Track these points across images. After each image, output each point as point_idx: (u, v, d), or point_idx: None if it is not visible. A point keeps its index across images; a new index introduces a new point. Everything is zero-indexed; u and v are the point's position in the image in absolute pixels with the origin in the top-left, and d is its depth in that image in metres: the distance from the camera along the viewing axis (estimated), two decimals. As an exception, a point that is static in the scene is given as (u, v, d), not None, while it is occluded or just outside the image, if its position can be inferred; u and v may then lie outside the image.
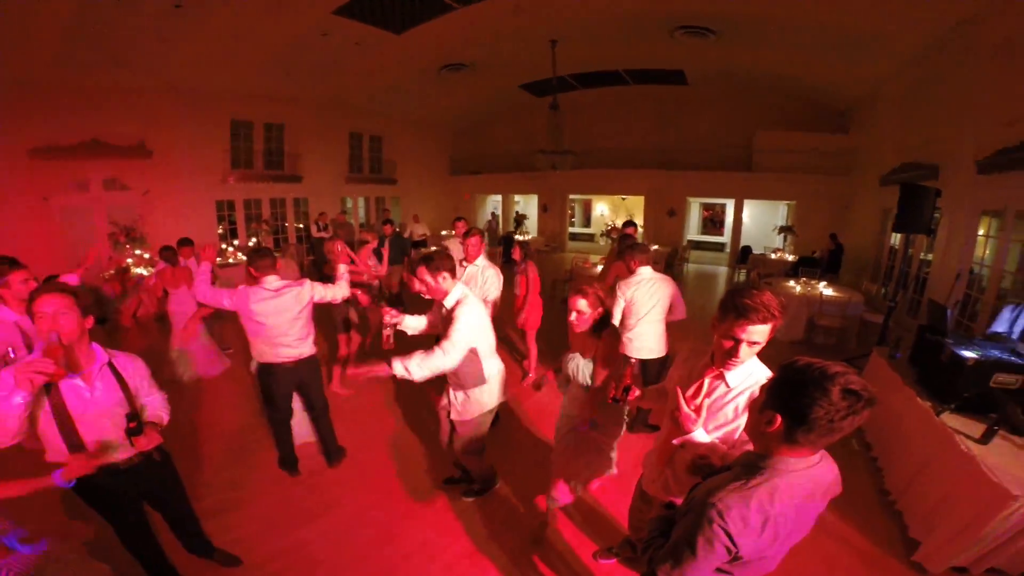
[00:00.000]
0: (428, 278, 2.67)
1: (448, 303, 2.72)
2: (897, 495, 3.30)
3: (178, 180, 10.88)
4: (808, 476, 1.22)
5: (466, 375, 2.76)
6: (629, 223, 6.77)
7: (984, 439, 2.76)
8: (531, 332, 5.21)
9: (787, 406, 1.16)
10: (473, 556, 2.86)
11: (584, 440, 2.58)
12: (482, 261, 4.27)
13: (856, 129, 11.34)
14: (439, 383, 2.86)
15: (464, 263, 4.30)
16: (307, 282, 3.37)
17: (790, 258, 10.82)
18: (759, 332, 1.59)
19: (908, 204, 5.25)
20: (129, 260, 9.00)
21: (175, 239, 6.21)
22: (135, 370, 2.17)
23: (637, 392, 2.09)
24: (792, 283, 7.71)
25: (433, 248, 3.41)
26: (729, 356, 1.65)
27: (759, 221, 15.09)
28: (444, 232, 13.91)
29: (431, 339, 2.91)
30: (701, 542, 1.18)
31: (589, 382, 2.44)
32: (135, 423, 1.97)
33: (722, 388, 1.73)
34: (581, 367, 2.47)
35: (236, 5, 7.46)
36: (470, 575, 2.74)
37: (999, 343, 3.47)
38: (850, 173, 11.30)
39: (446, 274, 2.69)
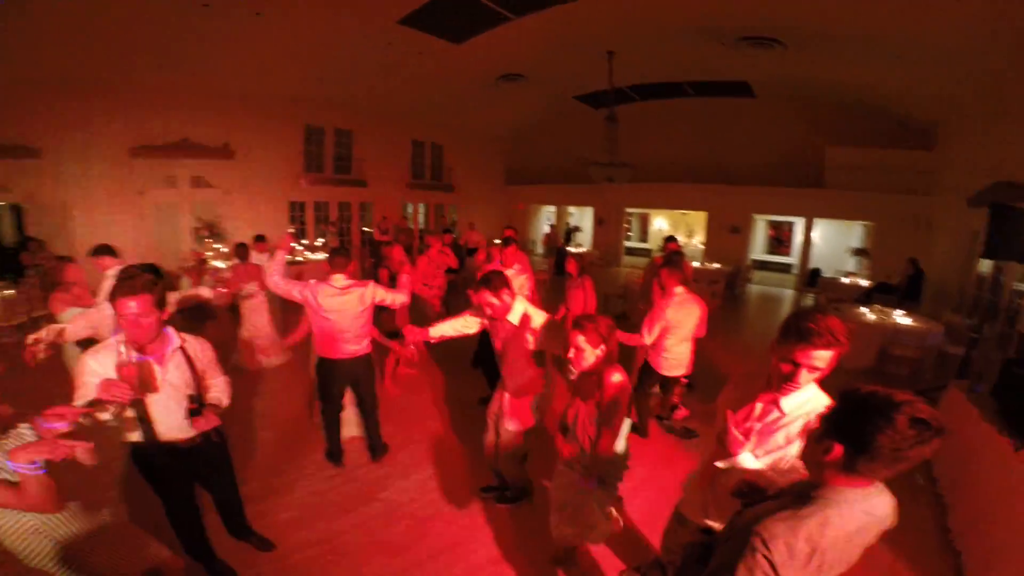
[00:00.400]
0: (493, 299, 2.73)
1: (514, 318, 2.79)
2: (958, 533, 3.15)
3: (256, 180, 11.69)
4: (864, 508, 1.16)
5: (528, 382, 2.83)
6: (671, 239, 6.61)
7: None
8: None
9: (849, 435, 1.12)
10: (498, 563, 2.86)
11: (586, 499, 2.38)
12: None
13: (940, 145, 10.37)
14: (480, 387, 2.89)
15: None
16: (371, 284, 3.52)
17: (864, 283, 10.07)
18: (821, 358, 1.50)
19: (1000, 227, 4.77)
20: (208, 253, 9.73)
21: (251, 236, 6.73)
22: (203, 353, 2.30)
23: (685, 412, 2.03)
24: (864, 310, 7.21)
25: (490, 269, 3.49)
26: (787, 381, 1.58)
27: (831, 242, 14.11)
28: (497, 241, 14.02)
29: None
30: (742, 571, 1.13)
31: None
32: (196, 405, 2.12)
33: (775, 413, 1.64)
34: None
35: (309, 14, 7.94)
36: None
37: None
38: (932, 193, 10.38)
39: (507, 291, 2.75)
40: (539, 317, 2.82)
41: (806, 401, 1.61)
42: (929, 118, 10.58)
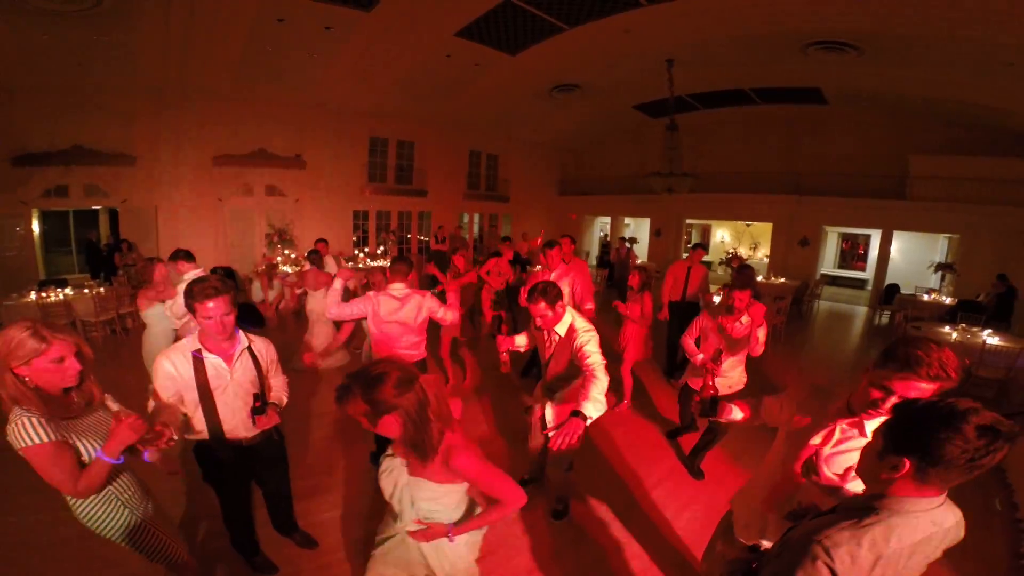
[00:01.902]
0: (547, 311, 2.73)
1: (562, 330, 2.81)
2: None
3: (324, 189, 12.39)
4: (929, 518, 1.12)
5: (576, 391, 2.78)
6: (738, 259, 6.37)
7: None
8: (629, 362, 5.03)
9: (916, 448, 1.07)
10: (534, 572, 2.83)
11: None
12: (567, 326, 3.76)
13: None
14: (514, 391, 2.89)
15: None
16: (429, 295, 3.59)
17: (947, 301, 9.23)
18: (923, 390, 1.38)
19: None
20: (278, 258, 10.36)
21: (315, 240, 7.13)
22: (267, 353, 2.39)
23: (736, 415, 2.00)
24: (948, 328, 6.63)
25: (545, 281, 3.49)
26: (872, 407, 1.48)
27: (910, 256, 13.08)
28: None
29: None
30: None
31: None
32: (260, 403, 2.23)
33: (856, 438, 1.54)
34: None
35: (373, 27, 8.33)
36: None
37: None
38: (1029, 205, 9.42)
39: (561, 303, 2.77)
40: (585, 335, 2.76)
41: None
42: (1022, 123, 9.63)
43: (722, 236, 18.34)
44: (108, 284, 8.15)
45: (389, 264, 3.57)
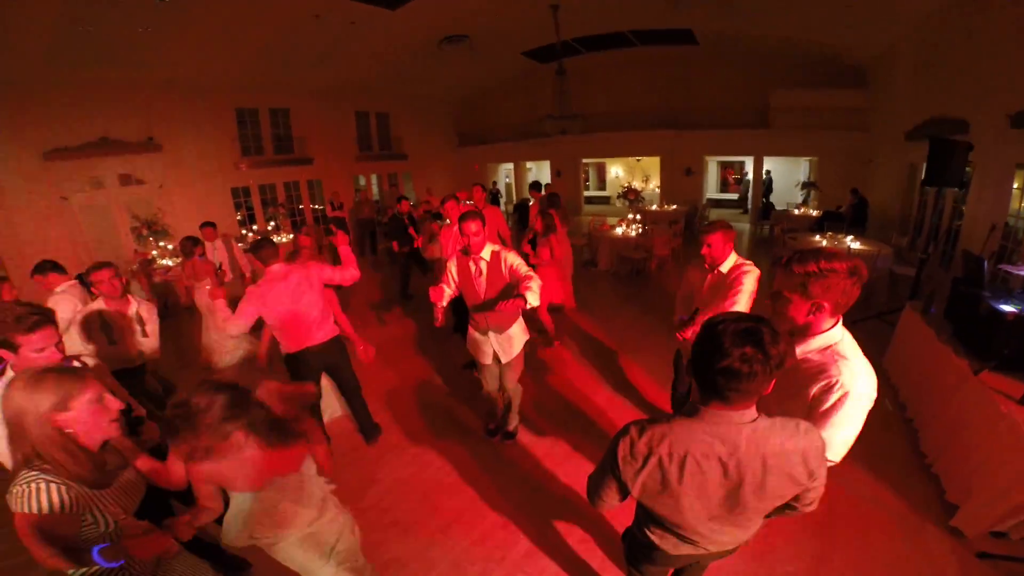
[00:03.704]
0: (480, 230, 2.97)
1: (487, 255, 3.05)
2: (934, 458, 3.19)
3: (191, 171, 11.02)
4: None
5: (515, 313, 3.16)
6: (633, 191, 6.67)
7: (1025, 400, 2.56)
8: (544, 305, 5.20)
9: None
10: (506, 527, 2.94)
11: None
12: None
13: (875, 85, 10.82)
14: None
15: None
16: (312, 264, 3.33)
17: (814, 213, 10.55)
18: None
19: (939, 159, 5.03)
20: (154, 252, 9.18)
21: (197, 228, 6.36)
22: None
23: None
24: (818, 237, 7.55)
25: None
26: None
27: (781, 178, 14.72)
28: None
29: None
30: None
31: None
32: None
33: None
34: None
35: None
36: (505, 545, 2.82)
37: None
38: (871, 129, 10.91)
39: (481, 223, 3.00)
40: (509, 253, 3.08)
41: None
42: (865, 61, 10.95)
43: (616, 172, 19.20)
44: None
45: (252, 249, 3.22)
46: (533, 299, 2.67)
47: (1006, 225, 5.98)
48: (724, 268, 2.79)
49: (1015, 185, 5.95)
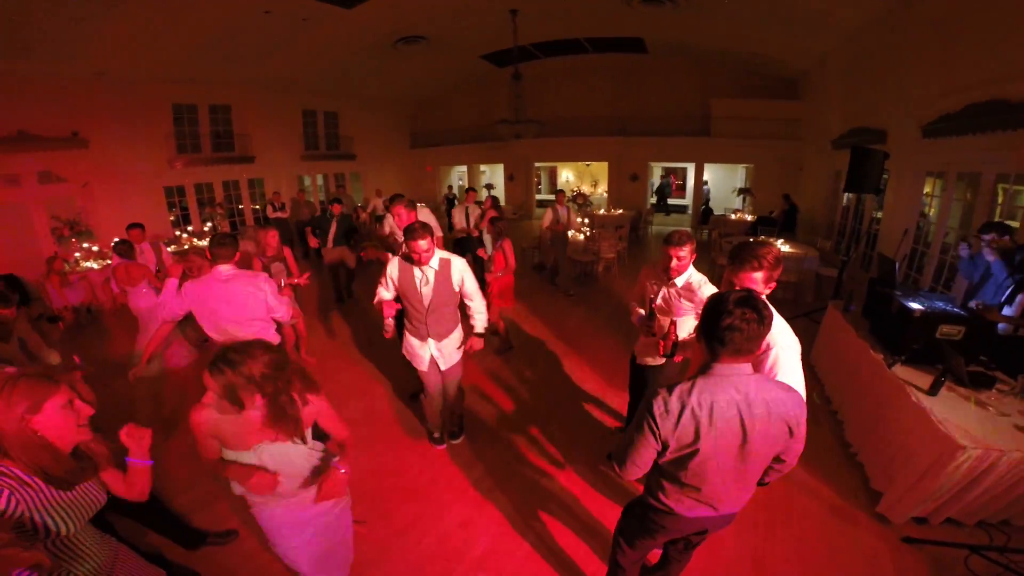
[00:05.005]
0: (431, 245, 2.85)
1: (436, 263, 2.96)
2: (858, 447, 3.38)
3: (120, 168, 10.26)
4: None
5: (453, 321, 3.22)
6: (582, 196, 6.81)
7: (932, 390, 2.81)
8: (496, 310, 5.10)
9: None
10: (468, 524, 2.95)
11: None
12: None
13: (806, 97, 11.68)
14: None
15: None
16: (263, 278, 3.12)
17: (749, 218, 11.18)
18: (754, 280, 1.95)
19: (859, 166, 5.48)
20: (77, 254, 8.54)
21: (124, 229, 5.96)
22: None
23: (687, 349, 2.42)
24: (751, 241, 7.97)
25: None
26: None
27: (719, 184, 15.51)
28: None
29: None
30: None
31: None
32: None
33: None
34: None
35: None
36: (465, 545, 2.81)
37: (944, 295, 3.59)
38: (802, 138, 11.74)
39: (431, 236, 2.87)
40: (458, 260, 3.07)
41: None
42: (797, 73, 11.76)
43: (567, 176, 19.57)
44: None
45: (209, 245, 3.05)
46: (480, 327, 3.25)
47: (918, 228, 6.58)
48: (680, 281, 2.70)
49: (925, 191, 6.54)
